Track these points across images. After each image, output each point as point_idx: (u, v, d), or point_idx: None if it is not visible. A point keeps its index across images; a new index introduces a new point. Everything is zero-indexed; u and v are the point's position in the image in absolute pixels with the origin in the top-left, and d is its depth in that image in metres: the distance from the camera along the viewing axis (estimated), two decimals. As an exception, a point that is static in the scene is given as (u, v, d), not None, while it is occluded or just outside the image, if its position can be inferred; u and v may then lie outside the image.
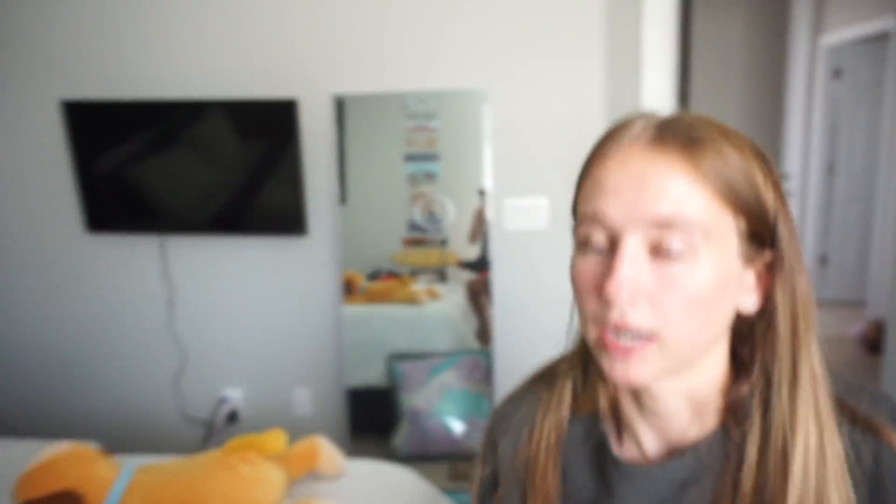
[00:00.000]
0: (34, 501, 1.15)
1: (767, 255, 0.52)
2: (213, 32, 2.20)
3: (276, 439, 1.39)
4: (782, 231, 0.51)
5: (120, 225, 2.35)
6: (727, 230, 0.49)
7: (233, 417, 2.48)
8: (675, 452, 0.55)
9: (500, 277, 2.25)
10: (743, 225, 0.50)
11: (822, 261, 4.88)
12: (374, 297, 2.51)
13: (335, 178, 2.23)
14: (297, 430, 2.52)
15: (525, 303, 2.24)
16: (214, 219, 2.28)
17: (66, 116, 2.20)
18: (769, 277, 0.52)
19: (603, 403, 0.58)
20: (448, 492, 2.27)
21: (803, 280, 0.52)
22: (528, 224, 2.16)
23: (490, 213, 2.19)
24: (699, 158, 0.48)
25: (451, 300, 2.50)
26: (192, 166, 2.22)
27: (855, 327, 4.09)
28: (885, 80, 3.90)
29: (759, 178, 0.50)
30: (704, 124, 0.51)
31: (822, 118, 4.64)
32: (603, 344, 0.50)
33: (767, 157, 0.53)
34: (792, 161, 4.74)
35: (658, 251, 0.48)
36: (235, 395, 2.48)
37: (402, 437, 2.55)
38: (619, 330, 0.48)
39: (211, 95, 2.20)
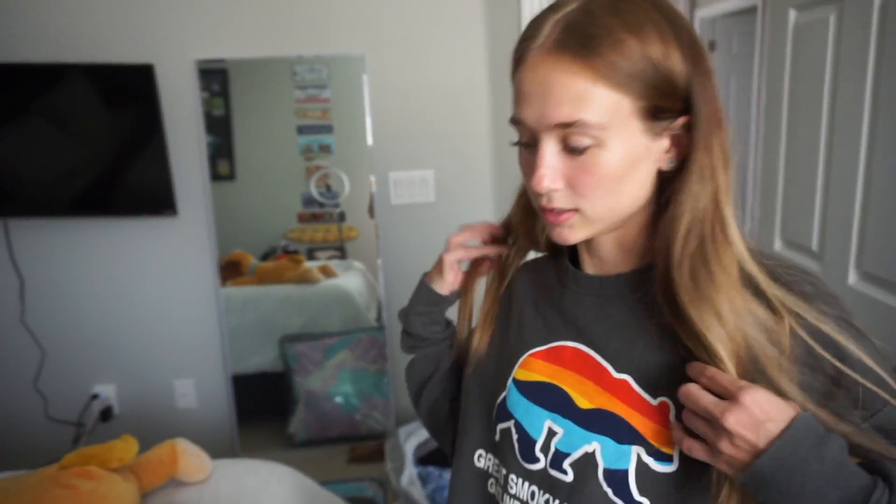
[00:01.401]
0: None
1: (682, 119, 0.57)
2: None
3: (125, 447, 1.25)
4: (697, 93, 0.56)
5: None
6: (628, 116, 0.55)
7: (106, 415, 2.29)
8: None
9: (388, 252, 2.17)
10: (646, 104, 0.55)
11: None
12: (264, 278, 2.37)
13: (205, 154, 2.05)
14: (182, 424, 2.37)
15: (414, 277, 2.18)
16: (73, 200, 2.04)
17: None
18: (688, 136, 0.57)
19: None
20: (343, 481, 2.21)
21: (723, 135, 0.57)
22: (414, 198, 2.09)
23: (375, 187, 2.09)
24: (596, 59, 0.52)
25: (348, 277, 2.40)
26: (47, 139, 1.97)
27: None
28: (755, 52, 4.10)
29: (664, 55, 0.54)
30: (605, 13, 0.53)
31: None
32: (543, 215, 0.60)
33: (679, 20, 0.56)
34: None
35: (568, 146, 0.55)
36: (108, 391, 2.29)
37: (298, 422, 2.45)
38: (546, 210, 0.59)
39: (67, 59, 1.95)
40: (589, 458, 0.60)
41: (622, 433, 0.59)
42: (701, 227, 0.56)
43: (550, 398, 0.64)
